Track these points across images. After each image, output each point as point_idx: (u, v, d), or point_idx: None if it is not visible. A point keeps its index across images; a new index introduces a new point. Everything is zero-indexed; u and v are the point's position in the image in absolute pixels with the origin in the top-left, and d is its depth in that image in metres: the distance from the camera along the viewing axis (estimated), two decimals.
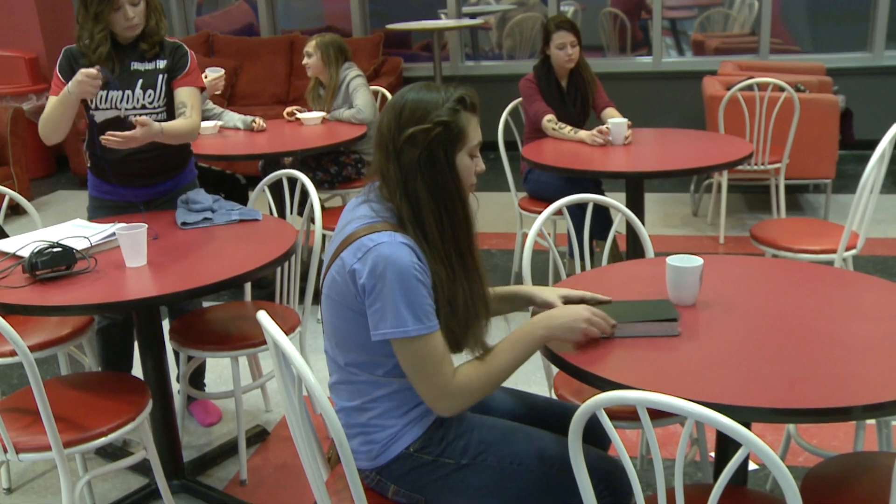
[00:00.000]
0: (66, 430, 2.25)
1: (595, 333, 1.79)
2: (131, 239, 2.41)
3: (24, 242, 2.53)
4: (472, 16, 7.66)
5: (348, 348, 1.81)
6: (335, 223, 3.80)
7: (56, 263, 2.36)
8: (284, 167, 4.64)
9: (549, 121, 3.89)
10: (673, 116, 6.64)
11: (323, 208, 4.89)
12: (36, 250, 2.37)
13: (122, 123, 2.82)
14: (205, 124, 4.35)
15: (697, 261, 2.00)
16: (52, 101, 2.78)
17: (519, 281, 4.27)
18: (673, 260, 2.01)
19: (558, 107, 3.97)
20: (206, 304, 3.17)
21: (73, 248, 2.40)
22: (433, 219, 1.74)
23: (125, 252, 2.42)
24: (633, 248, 3.68)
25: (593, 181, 3.90)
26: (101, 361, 3.06)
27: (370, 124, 4.46)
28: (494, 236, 4.79)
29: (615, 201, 2.64)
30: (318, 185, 4.61)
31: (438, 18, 7.23)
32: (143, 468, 2.88)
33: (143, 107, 2.85)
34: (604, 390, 1.64)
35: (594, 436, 1.85)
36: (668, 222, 5.31)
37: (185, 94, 2.89)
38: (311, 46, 4.57)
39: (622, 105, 6.91)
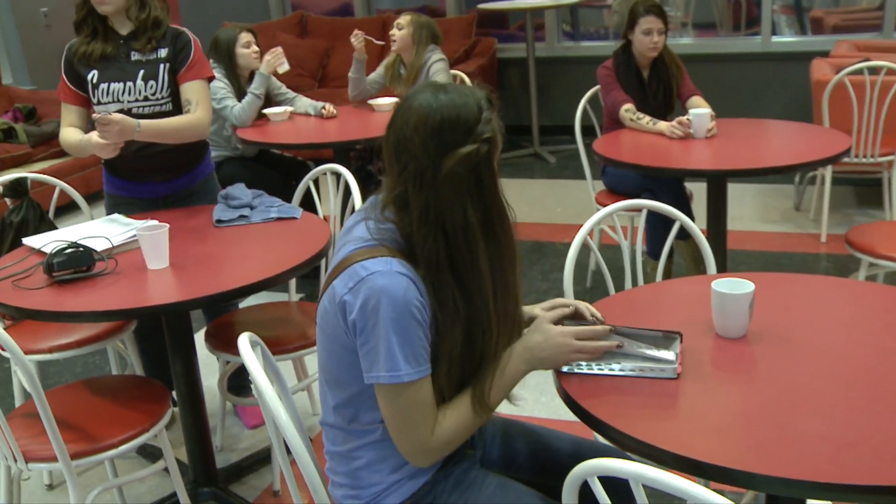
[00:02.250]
0: (76, 440, 2.17)
1: (591, 351, 1.61)
2: (152, 240, 2.30)
3: (52, 239, 2.46)
4: None
5: (339, 387, 1.62)
6: None
7: (74, 265, 2.28)
8: (353, 155, 4.51)
9: (626, 111, 3.60)
10: (780, 103, 6.17)
11: None
12: (55, 250, 2.29)
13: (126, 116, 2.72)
14: (275, 110, 4.26)
15: (747, 286, 1.73)
16: (67, 131, 2.73)
17: (596, 279, 4.01)
18: (720, 285, 1.74)
19: (638, 97, 3.68)
20: (250, 303, 3.06)
21: (92, 249, 2.31)
22: (484, 258, 1.51)
23: (146, 253, 2.31)
24: (715, 245, 3.37)
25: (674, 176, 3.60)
26: (141, 359, 3.00)
27: None
28: (572, 228, 4.52)
29: (672, 208, 2.36)
30: None
31: None
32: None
33: (146, 98, 2.74)
34: (613, 441, 1.43)
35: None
36: (766, 217, 4.92)
37: (190, 90, 2.77)
38: (404, 20, 4.39)
39: (725, 90, 6.53)
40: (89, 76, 2.73)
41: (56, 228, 2.88)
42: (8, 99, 6.55)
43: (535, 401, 3.07)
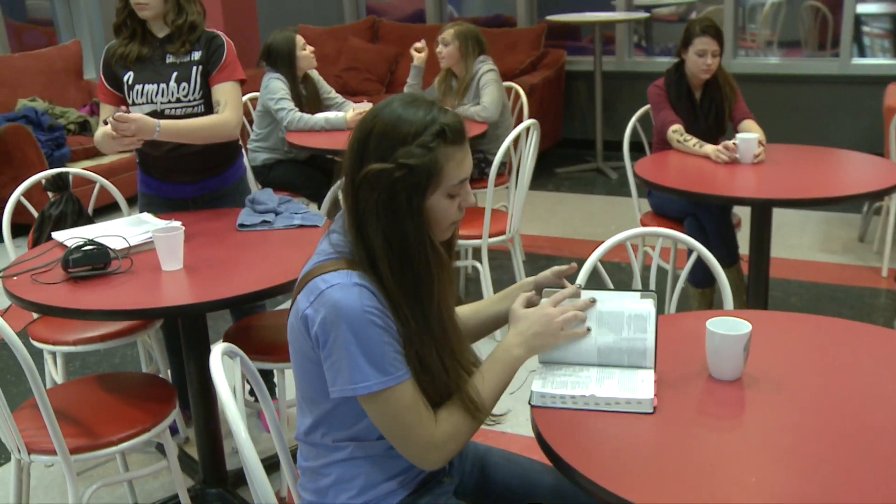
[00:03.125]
0: (78, 435, 2.21)
1: (578, 317, 1.60)
2: (167, 241, 2.33)
3: (78, 235, 2.51)
4: (648, 8, 7.20)
5: (311, 403, 1.60)
6: None
7: (90, 262, 2.31)
8: None
9: (674, 132, 3.50)
10: (855, 130, 5.93)
11: None
12: (72, 247, 2.33)
13: (159, 117, 2.75)
14: (329, 115, 4.26)
15: (743, 327, 1.64)
16: (101, 129, 2.74)
17: None
18: (715, 324, 1.66)
19: (688, 118, 3.57)
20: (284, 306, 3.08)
21: (108, 248, 2.34)
22: (388, 271, 1.49)
23: (160, 254, 2.33)
24: (756, 276, 3.26)
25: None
26: (168, 356, 3.04)
27: (493, 123, 4.23)
28: (623, 248, 4.41)
29: (691, 239, 2.27)
30: None
31: (611, 10, 6.85)
32: (190, 470, 2.83)
33: (178, 100, 2.77)
34: (577, 485, 1.37)
35: None
36: (827, 246, 4.73)
37: (221, 91, 2.80)
38: (448, 35, 4.38)
39: (798, 113, 6.31)
40: (125, 77, 2.78)
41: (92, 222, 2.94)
42: (87, 92, 6.75)
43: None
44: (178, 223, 2.54)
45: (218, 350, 1.59)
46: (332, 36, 7.46)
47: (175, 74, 2.78)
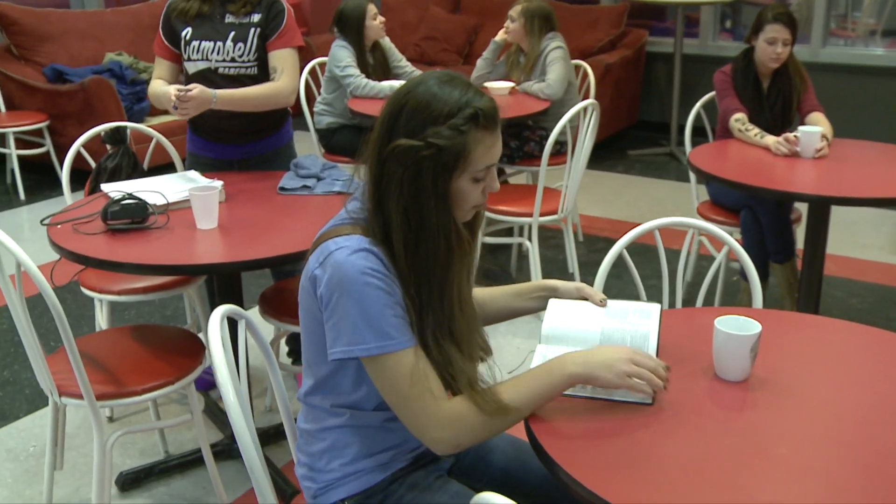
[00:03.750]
0: (105, 382, 2.28)
1: (645, 377, 1.48)
2: (203, 200, 2.37)
3: (125, 188, 2.57)
4: None
5: (314, 365, 1.61)
6: (496, 202, 3.60)
7: (128, 216, 2.38)
8: None
9: (736, 120, 3.39)
10: None
11: (506, 182, 4.70)
12: (112, 200, 2.40)
13: (212, 75, 2.79)
14: (496, 85, 4.27)
15: (753, 327, 1.59)
16: (156, 83, 2.84)
17: (692, 292, 3.83)
18: (723, 323, 1.61)
19: (754, 107, 3.45)
20: None
21: (146, 203, 2.40)
22: (401, 246, 1.48)
23: (196, 213, 2.38)
24: (808, 275, 3.15)
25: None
26: (208, 310, 3.10)
27: (558, 101, 4.16)
28: (683, 235, 4.31)
29: (722, 232, 2.20)
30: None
31: None
32: (221, 424, 2.90)
33: (233, 59, 2.80)
34: (559, 480, 1.35)
35: None
36: (895, 248, 4.54)
37: (278, 58, 2.82)
38: (515, 11, 4.33)
39: (878, 110, 6.02)
40: (183, 33, 2.83)
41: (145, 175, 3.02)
42: None
43: None
44: (219, 182, 2.59)
45: (218, 312, 1.61)
46: (414, 4, 7.45)
47: (233, 34, 2.81)
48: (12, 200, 5.53)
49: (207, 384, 3.09)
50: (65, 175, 3.09)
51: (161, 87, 2.80)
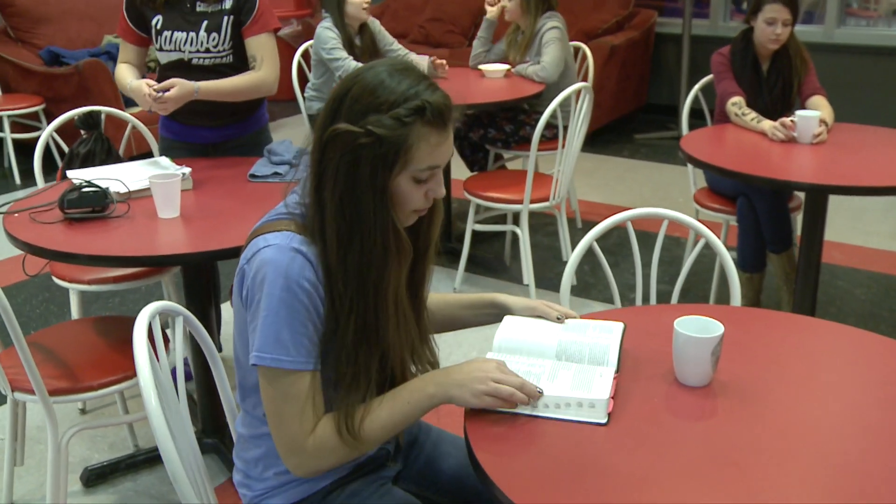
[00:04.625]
0: (60, 377, 2.21)
1: (501, 402, 1.37)
2: (164, 188, 2.28)
3: (89, 176, 2.49)
4: None
5: (242, 368, 1.53)
6: (487, 189, 3.50)
7: (87, 204, 2.29)
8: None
9: (733, 104, 3.26)
10: None
11: (503, 168, 4.59)
12: (70, 188, 2.32)
13: (185, 66, 2.71)
14: (491, 67, 4.16)
15: (715, 328, 1.48)
16: (122, 69, 2.77)
17: (690, 281, 3.72)
18: (683, 324, 1.51)
19: (752, 90, 3.31)
20: None
21: (106, 191, 2.32)
22: (334, 239, 1.38)
23: (157, 201, 2.30)
24: (806, 266, 3.02)
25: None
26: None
27: (553, 85, 4.04)
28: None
29: (691, 220, 2.08)
30: (491, 144, 4.30)
31: None
32: (194, 417, 2.82)
33: (208, 50, 2.70)
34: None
35: None
36: None
37: (255, 45, 2.72)
38: None
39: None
40: (154, 21, 2.72)
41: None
42: None
43: None
44: (187, 169, 2.51)
45: (147, 311, 1.52)
46: None
47: (206, 23, 2.71)
48: (9, 184, 5.49)
49: (185, 375, 3.01)
50: (37, 161, 3.01)
51: (129, 77, 2.72)
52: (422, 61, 4.13)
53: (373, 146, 1.34)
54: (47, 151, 3.03)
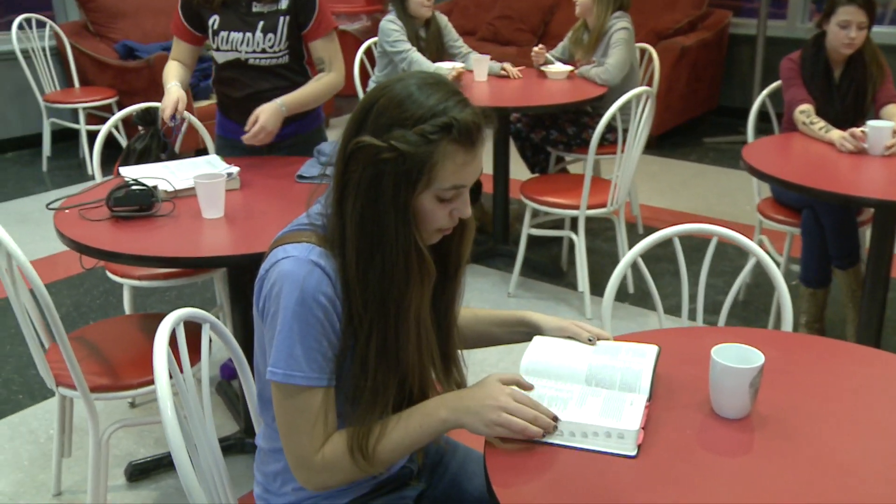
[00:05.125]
0: (102, 374, 2.23)
1: (514, 429, 1.31)
2: (208, 189, 2.29)
3: (141, 173, 2.52)
4: None
5: (260, 377, 1.51)
6: (543, 193, 3.43)
7: (133, 202, 2.31)
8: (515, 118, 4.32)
9: (801, 112, 3.13)
10: None
11: (565, 170, 4.51)
12: (118, 186, 2.33)
13: (242, 66, 2.71)
14: (554, 68, 4.12)
15: (756, 358, 1.40)
16: (171, 64, 2.81)
17: (752, 293, 3.59)
18: (721, 352, 1.43)
19: (823, 97, 3.17)
20: None
21: (152, 190, 2.33)
22: (354, 254, 1.34)
23: (201, 202, 2.30)
24: (873, 285, 2.88)
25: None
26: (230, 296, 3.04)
27: (617, 87, 3.95)
28: (751, 230, 4.05)
29: (745, 239, 1.98)
30: (553, 146, 4.23)
31: None
32: (238, 416, 2.83)
33: (264, 51, 2.71)
34: None
35: None
36: None
37: (321, 48, 2.76)
38: None
39: None
40: (210, 21, 2.74)
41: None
42: None
43: None
44: (235, 169, 2.51)
45: (170, 319, 1.51)
46: None
47: (262, 24, 2.72)
48: (83, 174, 5.62)
49: (231, 373, 3.03)
50: (95, 156, 3.06)
51: (174, 77, 2.76)
52: (482, 60, 4.08)
53: (396, 162, 1.29)
54: (114, 143, 3.12)
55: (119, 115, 3.10)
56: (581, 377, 1.46)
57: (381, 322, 1.36)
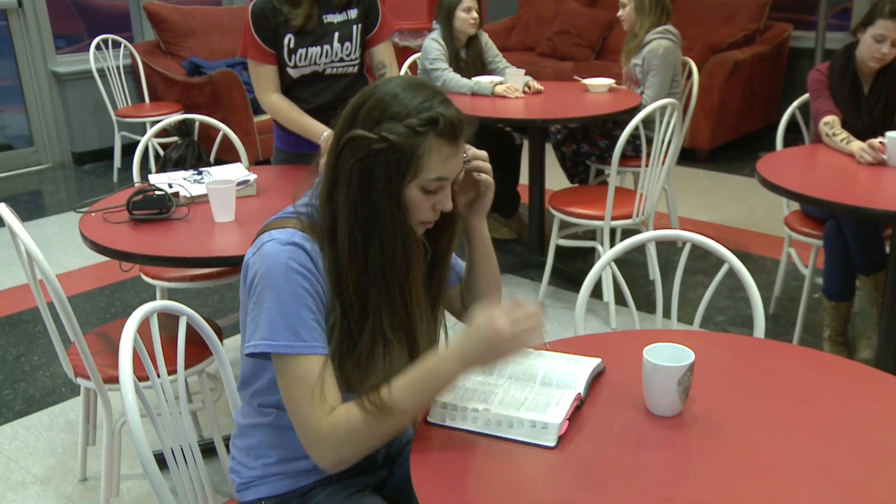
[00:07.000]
0: (114, 366, 2.36)
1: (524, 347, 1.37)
2: (219, 194, 2.41)
3: (168, 180, 2.67)
4: None
5: (243, 358, 1.61)
6: (570, 204, 3.47)
7: (151, 206, 2.45)
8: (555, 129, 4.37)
9: (825, 123, 3.10)
10: None
11: (604, 182, 4.53)
12: (137, 190, 2.48)
13: (318, 77, 2.81)
14: (595, 81, 4.17)
15: (685, 356, 1.44)
16: (278, 100, 2.85)
17: (784, 306, 3.55)
18: (652, 352, 1.46)
19: (851, 109, 3.13)
20: None
21: (168, 194, 2.47)
22: (346, 242, 1.44)
23: (213, 206, 2.43)
24: (892, 295, 2.83)
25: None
26: None
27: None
28: (780, 242, 3.99)
29: (721, 248, 2.00)
30: (585, 158, 4.26)
31: None
32: None
33: (342, 60, 2.83)
34: None
35: None
36: None
37: (383, 52, 2.86)
38: None
39: None
40: (286, 40, 2.78)
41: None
42: None
43: None
44: (252, 176, 2.64)
45: (141, 310, 1.62)
46: None
47: (338, 34, 2.81)
48: None
49: None
50: (136, 164, 3.24)
51: (295, 109, 2.83)
52: (517, 74, 4.15)
53: (386, 152, 1.40)
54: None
55: (156, 127, 3.28)
56: (515, 373, 1.52)
57: (386, 302, 1.46)
